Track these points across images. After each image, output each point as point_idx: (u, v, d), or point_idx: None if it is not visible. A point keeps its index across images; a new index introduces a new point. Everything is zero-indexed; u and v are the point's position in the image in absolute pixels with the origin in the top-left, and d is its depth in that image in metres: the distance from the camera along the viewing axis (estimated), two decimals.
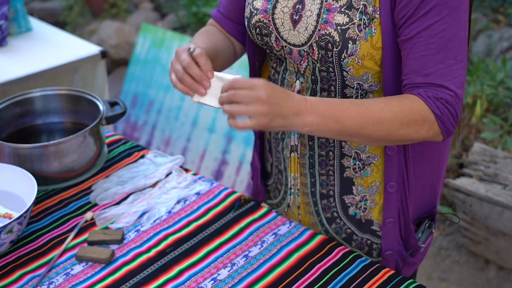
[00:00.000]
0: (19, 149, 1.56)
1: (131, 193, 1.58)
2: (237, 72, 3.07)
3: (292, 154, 1.43)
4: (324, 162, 1.40)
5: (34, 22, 2.89)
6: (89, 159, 1.63)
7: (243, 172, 3.12)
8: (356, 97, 1.31)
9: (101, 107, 1.69)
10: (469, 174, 2.80)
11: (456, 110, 1.21)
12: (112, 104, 1.74)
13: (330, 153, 1.38)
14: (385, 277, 1.30)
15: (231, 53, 1.50)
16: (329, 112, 1.17)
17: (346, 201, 1.43)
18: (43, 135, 1.78)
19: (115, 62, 4.81)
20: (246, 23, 1.38)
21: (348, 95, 1.31)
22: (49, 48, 2.66)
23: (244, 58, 1.57)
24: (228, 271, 1.33)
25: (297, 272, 1.32)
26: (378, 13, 1.21)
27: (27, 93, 1.75)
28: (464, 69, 1.22)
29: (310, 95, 1.34)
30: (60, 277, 1.33)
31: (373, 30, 1.22)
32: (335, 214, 1.45)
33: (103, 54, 2.69)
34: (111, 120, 1.68)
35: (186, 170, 1.65)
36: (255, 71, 1.48)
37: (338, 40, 1.23)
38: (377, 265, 1.34)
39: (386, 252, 1.44)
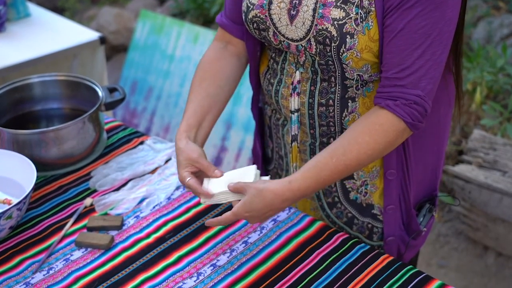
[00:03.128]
0: (18, 135, 1.55)
1: (130, 179, 1.58)
2: None
3: (293, 143, 1.42)
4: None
5: (33, 8, 2.88)
6: (88, 145, 1.63)
7: (243, 158, 3.12)
8: (357, 87, 1.31)
9: (100, 93, 1.68)
10: (468, 161, 2.80)
11: (425, 107, 1.23)
12: (111, 90, 1.74)
13: (331, 139, 1.38)
14: (384, 263, 1.31)
15: (236, 77, 1.47)
16: (314, 188, 1.24)
17: (347, 186, 1.43)
18: (42, 121, 1.77)
19: (114, 48, 4.79)
20: (243, 17, 1.36)
21: (348, 85, 1.31)
22: (47, 34, 2.64)
23: None
24: (227, 257, 1.33)
25: (296, 258, 1.32)
26: (374, 5, 1.21)
27: (25, 79, 1.75)
28: (441, 63, 1.22)
29: (310, 85, 1.34)
30: (60, 262, 1.33)
31: (370, 23, 1.22)
32: (336, 198, 1.45)
33: (102, 40, 2.67)
34: (110, 106, 1.68)
35: None
36: (255, 62, 1.47)
37: (335, 35, 1.22)
38: (376, 251, 1.34)
39: (388, 238, 1.44)
